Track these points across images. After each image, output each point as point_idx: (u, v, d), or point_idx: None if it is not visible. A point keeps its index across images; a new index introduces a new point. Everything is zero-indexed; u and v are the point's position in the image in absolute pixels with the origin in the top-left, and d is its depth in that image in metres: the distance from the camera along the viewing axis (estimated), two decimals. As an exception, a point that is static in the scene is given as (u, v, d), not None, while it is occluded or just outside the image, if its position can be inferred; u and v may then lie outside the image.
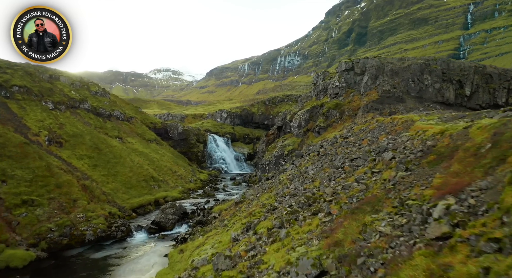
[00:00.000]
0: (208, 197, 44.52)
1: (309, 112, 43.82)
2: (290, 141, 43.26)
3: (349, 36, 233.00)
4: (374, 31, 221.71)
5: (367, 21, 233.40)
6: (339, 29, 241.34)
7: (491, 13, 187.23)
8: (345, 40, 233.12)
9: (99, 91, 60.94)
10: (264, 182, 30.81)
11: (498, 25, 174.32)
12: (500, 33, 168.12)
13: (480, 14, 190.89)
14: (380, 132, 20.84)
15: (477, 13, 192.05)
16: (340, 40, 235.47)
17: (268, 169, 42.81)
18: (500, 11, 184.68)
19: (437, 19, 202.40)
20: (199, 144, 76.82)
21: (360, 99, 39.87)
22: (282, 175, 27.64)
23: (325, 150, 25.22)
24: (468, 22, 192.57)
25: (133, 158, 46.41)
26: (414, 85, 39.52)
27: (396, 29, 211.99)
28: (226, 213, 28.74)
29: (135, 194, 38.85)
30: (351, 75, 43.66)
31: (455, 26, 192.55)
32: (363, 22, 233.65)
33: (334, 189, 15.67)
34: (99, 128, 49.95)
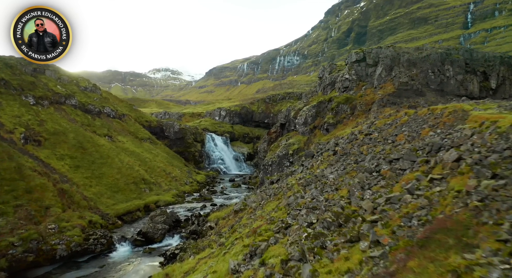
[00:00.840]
0: (204, 201, 39.76)
1: (316, 108, 39.11)
2: (295, 139, 38.57)
3: (349, 35, 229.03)
4: (374, 31, 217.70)
5: (367, 20, 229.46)
6: (339, 28, 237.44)
7: (492, 12, 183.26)
8: (344, 39, 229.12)
9: (89, 87, 56.08)
10: (268, 186, 26.08)
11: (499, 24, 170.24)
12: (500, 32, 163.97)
13: (480, 14, 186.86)
14: (419, 126, 16.14)
15: (477, 13, 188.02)
16: (340, 40, 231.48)
17: (271, 170, 38.11)
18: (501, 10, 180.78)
19: (437, 19, 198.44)
20: (196, 143, 72.04)
21: (374, 93, 35.22)
22: (290, 178, 22.91)
23: (344, 149, 20.51)
24: (468, 22, 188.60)
25: (123, 158, 41.58)
26: (434, 77, 34.89)
27: (396, 29, 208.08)
28: (223, 223, 24.00)
29: (122, 198, 34.02)
30: (362, 67, 38.98)
31: (455, 25, 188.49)
32: (363, 21, 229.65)
33: (374, 203, 10.97)
34: (86, 126, 45.11)
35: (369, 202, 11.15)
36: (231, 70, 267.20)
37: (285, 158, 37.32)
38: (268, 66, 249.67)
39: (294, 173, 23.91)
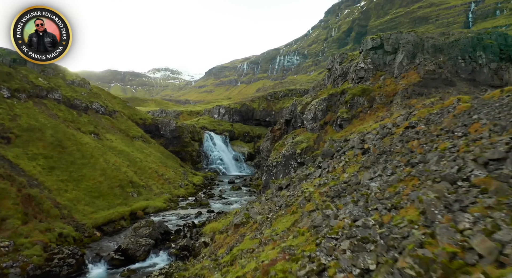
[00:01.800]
0: (200, 206, 34.53)
1: (327, 101, 33.92)
2: (303, 136, 33.41)
3: (349, 35, 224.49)
4: (374, 30, 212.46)
5: (367, 20, 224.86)
6: (339, 28, 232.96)
7: (493, 11, 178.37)
8: (344, 39, 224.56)
9: (77, 81, 50.77)
10: (275, 192, 20.86)
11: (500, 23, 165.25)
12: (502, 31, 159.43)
13: (481, 13, 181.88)
14: (498, 112, 10.96)
15: (478, 12, 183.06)
16: (340, 39, 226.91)
17: (276, 172, 32.92)
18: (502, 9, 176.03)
19: (438, 18, 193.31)
20: (194, 142, 66.77)
21: (396, 83, 30.07)
22: (305, 184, 17.72)
23: (378, 146, 15.34)
24: (469, 21, 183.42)
25: (109, 158, 36.31)
26: (464, 65, 29.74)
27: (396, 28, 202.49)
28: (221, 239, 18.80)
29: (103, 205, 28.76)
30: (379, 55, 33.81)
31: (456, 24, 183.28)
32: (363, 21, 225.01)
33: (492, 240, 5.77)
34: (69, 122, 39.83)
35: (483, 239, 5.94)
36: (230, 70, 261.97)
37: (292, 157, 32.10)
38: (268, 66, 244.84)
39: (309, 176, 18.70)
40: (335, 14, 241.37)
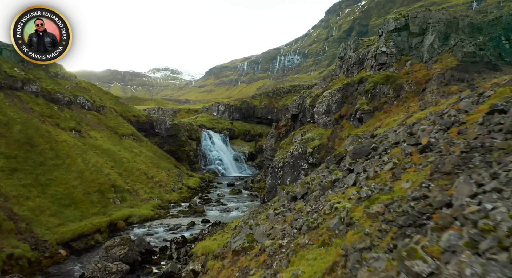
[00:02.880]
0: (194, 214, 29.12)
1: (342, 92, 28.54)
2: (315, 133, 28.01)
3: (350, 34, 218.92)
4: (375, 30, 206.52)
5: (368, 19, 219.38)
6: (340, 27, 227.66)
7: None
8: (345, 38, 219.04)
9: (61, 73, 45.36)
10: (288, 204, 15.40)
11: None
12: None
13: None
14: None
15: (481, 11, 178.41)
16: (341, 39, 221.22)
17: (283, 174, 27.52)
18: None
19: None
20: (191, 141, 61.31)
21: (427, 68, 24.67)
22: (333, 194, 12.31)
23: (449, 141, 9.96)
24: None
25: (89, 158, 30.89)
26: (509, 46, 24.33)
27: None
28: (214, 271, 13.39)
29: (75, 215, 23.32)
30: (403, 37, 28.40)
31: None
32: (364, 20, 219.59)
33: None
34: (46, 117, 34.42)
35: None
36: (231, 70, 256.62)
37: (301, 157, 26.66)
38: (269, 66, 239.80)
39: (337, 184, 13.26)
40: (335, 13, 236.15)
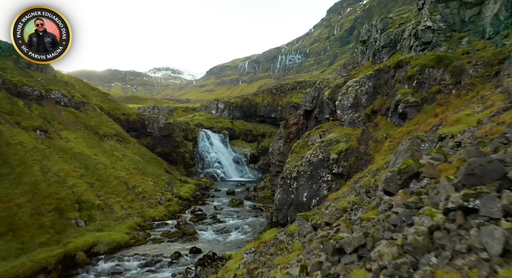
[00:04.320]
0: (183, 238, 22.05)
1: (374, 79, 21.55)
2: (339, 133, 20.87)
3: (351, 33, 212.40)
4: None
5: (370, 18, 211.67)
6: (341, 26, 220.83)
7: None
8: (347, 37, 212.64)
9: (35, 64, 38.32)
10: (329, 258, 8.40)
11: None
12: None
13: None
14: None
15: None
16: (342, 38, 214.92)
17: (297, 187, 20.46)
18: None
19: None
20: (187, 142, 54.23)
21: (496, 45, 17.56)
22: (443, 269, 5.07)
23: None
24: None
25: (51, 165, 23.84)
26: None
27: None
28: None
29: (10, 248, 16.28)
30: (452, 9, 21.33)
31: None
32: (366, 19, 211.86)
33: None
34: (4, 114, 27.42)
35: None
36: (232, 69, 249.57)
37: (323, 165, 19.62)
38: (270, 65, 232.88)
39: (440, 237, 6.25)
40: (337, 12, 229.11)
